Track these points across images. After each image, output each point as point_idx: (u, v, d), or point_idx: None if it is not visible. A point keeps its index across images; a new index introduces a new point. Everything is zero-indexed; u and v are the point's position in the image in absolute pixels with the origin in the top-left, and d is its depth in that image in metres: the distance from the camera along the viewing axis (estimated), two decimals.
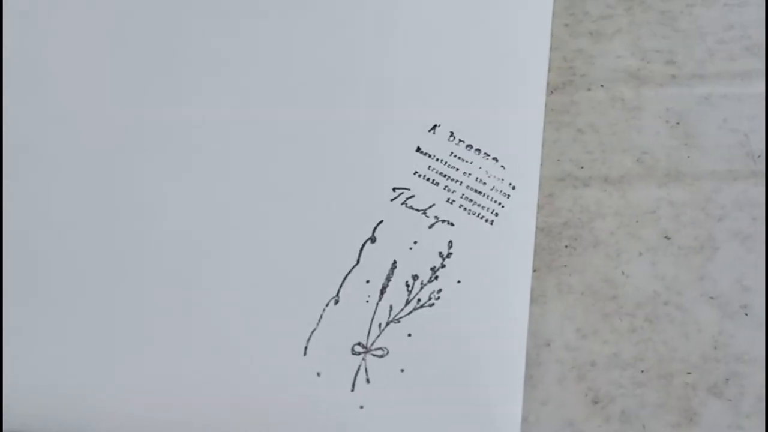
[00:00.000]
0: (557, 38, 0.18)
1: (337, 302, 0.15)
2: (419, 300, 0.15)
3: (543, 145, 0.17)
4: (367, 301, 0.15)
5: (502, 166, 0.16)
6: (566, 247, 0.16)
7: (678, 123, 0.17)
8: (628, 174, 0.16)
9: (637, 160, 0.16)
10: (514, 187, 0.16)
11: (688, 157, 0.16)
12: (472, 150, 0.16)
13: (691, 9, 0.18)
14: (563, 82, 0.17)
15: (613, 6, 0.18)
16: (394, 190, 0.16)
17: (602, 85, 0.17)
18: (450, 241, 0.15)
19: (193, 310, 0.15)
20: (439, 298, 0.15)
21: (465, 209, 0.15)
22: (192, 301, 0.15)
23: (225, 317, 0.15)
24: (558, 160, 0.17)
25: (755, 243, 0.15)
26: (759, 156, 0.16)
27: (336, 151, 0.16)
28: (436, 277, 0.15)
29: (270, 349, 0.15)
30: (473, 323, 0.15)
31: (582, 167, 0.16)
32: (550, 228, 0.16)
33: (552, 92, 0.17)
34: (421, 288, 0.15)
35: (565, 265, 0.16)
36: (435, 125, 0.16)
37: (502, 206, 0.15)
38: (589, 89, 0.17)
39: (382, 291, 0.15)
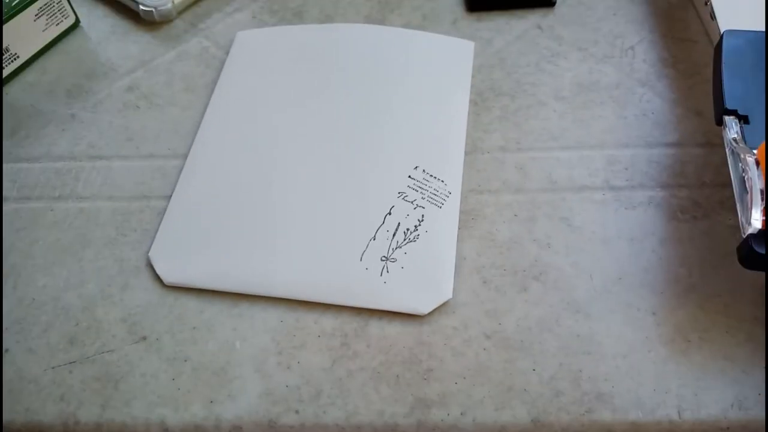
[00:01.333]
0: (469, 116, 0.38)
1: (374, 238, 0.33)
2: (409, 238, 0.33)
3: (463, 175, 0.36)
4: (387, 238, 0.33)
5: (443, 182, 0.35)
6: (472, 219, 0.35)
7: None
8: (504, 188, 0.36)
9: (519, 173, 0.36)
10: (450, 192, 0.35)
11: None
12: (431, 175, 0.35)
13: None
14: (471, 149, 0.37)
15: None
16: (398, 192, 0.35)
17: (488, 152, 0.37)
18: (422, 215, 0.34)
19: (304, 235, 0.33)
20: (418, 237, 0.33)
21: (429, 201, 0.34)
22: (305, 229, 0.33)
23: (323, 239, 0.33)
24: (467, 182, 0.36)
25: None
26: None
27: (375, 173, 0.35)
28: (416, 228, 0.33)
29: (345, 255, 0.32)
30: (432, 247, 0.32)
31: (479, 185, 0.36)
32: (463, 211, 0.35)
33: (467, 153, 0.37)
34: (411, 233, 0.33)
35: (470, 227, 0.35)
36: (416, 166, 0.35)
37: (445, 200, 0.34)
38: (483, 154, 0.37)
39: (394, 234, 0.33)
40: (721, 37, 0.34)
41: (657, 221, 0.33)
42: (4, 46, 0.40)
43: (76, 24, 0.44)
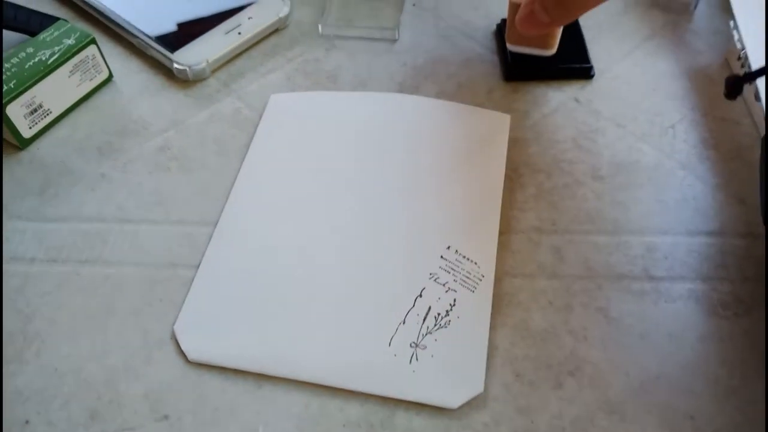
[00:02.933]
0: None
1: (404, 322, 0.32)
2: (440, 324, 0.33)
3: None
4: (417, 322, 0.32)
5: (477, 264, 0.34)
6: (505, 305, 0.34)
7: None
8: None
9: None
10: (483, 276, 0.34)
11: None
12: (463, 256, 0.34)
13: None
14: (505, 228, 0.36)
15: None
16: (430, 273, 0.34)
17: (523, 233, 0.36)
18: (454, 299, 0.33)
19: (333, 315, 0.32)
20: (450, 322, 0.32)
21: (462, 284, 0.33)
22: (333, 309, 0.32)
23: (352, 321, 0.32)
24: (501, 264, 0.35)
25: None
26: None
27: (406, 250, 0.34)
28: (447, 313, 0.33)
29: (374, 340, 0.31)
30: (464, 335, 0.32)
31: (513, 268, 0.35)
32: (497, 296, 0.34)
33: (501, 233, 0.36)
34: (442, 318, 0.32)
35: (504, 314, 0.34)
36: (449, 246, 0.35)
37: (478, 283, 0.33)
38: (518, 234, 0.36)
39: (425, 318, 0.32)
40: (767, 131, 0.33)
41: (697, 316, 0.32)
42: (38, 102, 0.40)
43: (109, 79, 0.44)
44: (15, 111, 0.39)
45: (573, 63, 0.42)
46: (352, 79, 0.43)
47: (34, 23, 0.46)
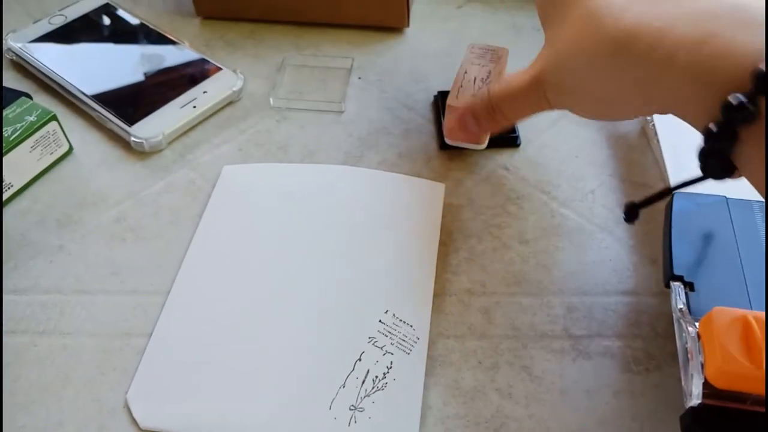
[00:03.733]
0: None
1: (344, 386, 0.34)
2: (377, 387, 0.34)
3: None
4: (356, 386, 0.35)
5: (412, 327, 0.36)
6: (439, 365, 0.37)
7: None
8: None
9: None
10: (418, 338, 0.36)
11: None
12: (400, 320, 0.37)
13: None
14: (439, 290, 0.39)
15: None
16: (369, 337, 0.36)
17: (455, 295, 0.39)
18: (391, 361, 0.35)
19: (279, 381, 0.34)
20: (386, 385, 0.34)
21: (398, 347, 0.35)
22: (278, 375, 0.35)
23: (296, 386, 0.34)
24: (435, 325, 0.38)
25: None
26: None
27: (348, 315, 0.36)
28: (384, 376, 0.35)
29: (316, 404, 0.33)
30: (399, 396, 0.34)
31: (446, 329, 0.38)
32: (431, 357, 0.37)
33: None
34: (379, 381, 0.34)
35: (437, 374, 0.36)
36: (387, 310, 0.37)
37: (413, 346, 0.36)
38: (450, 296, 0.39)
39: (363, 381, 0.35)
40: (671, 200, 0.36)
41: (612, 372, 0.35)
42: None
43: (69, 151, 0.47)
44: None
45: (501, 133, 0.46)
46: (302, 150, 0.46)
47: None
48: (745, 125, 0.26)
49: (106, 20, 0.56)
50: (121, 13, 0.56)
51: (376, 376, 0.34)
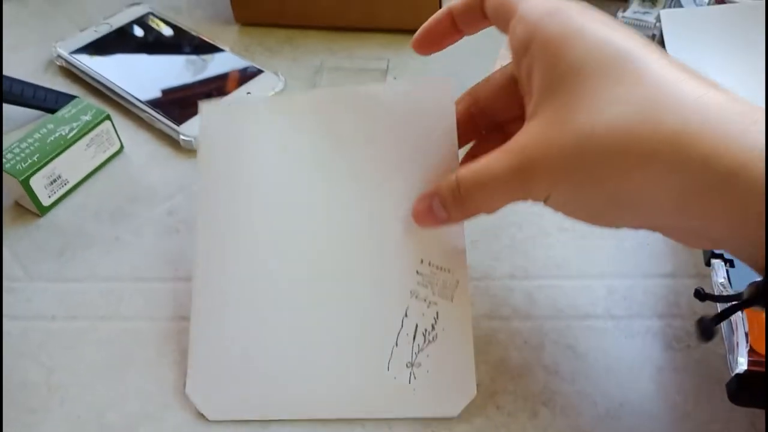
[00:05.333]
0: None
1: (396, 344, 0.34)
2: (429, 339, 0.34)
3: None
4: (408, 342, 0.34)
5: (449, 272, 0.35)
6: (485, 344, 0.38)
7: None
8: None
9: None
10: (458, 281, 0.35)
11: None
12: (437, 267, 0.35)
13: None
14: (482, 275, 0.41)
15: None
16: (410, 292, 0.35)
17: (499, 280, 0.40)
18: (437, 312, 0.34)
19: (331, 352, 0.35)
20: (437, 336, 0.34)
21: (440, 296, 0.35)
22: (327, 345, 0.35)
23: (348, 352, 0.34)
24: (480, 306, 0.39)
25: None
26: None
27: (385, 274, 0.35)
28: (433, 328, 0.34)
29: (373, 367, 0.34)
30: (452, 345, 0.34)
31: (491, 311, 0.39)
32: (477, 336, 0.38)
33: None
34: (429, 333, 0.34)
35: (485, 353, 0.37)
36: (422, 259, 0.35)
37: (455, 290, 0.35)
38: (494, 281, 0.40)
39: (414, 337, 0.34)
40: None
41: (654, 350, 0.36)
42: (57, 174, 0.44)
43: (121, 150, 0.49)
44: (37, 182, 0.43)
45: None
46: None
47: (50, 100, 0.51)
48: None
49: (150, 28, 0.58)
50: (162, 21, 0.59)
51: (426, 329, 0.34)
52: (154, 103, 0.50)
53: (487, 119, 0.35)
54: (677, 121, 0.23)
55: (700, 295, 0.30)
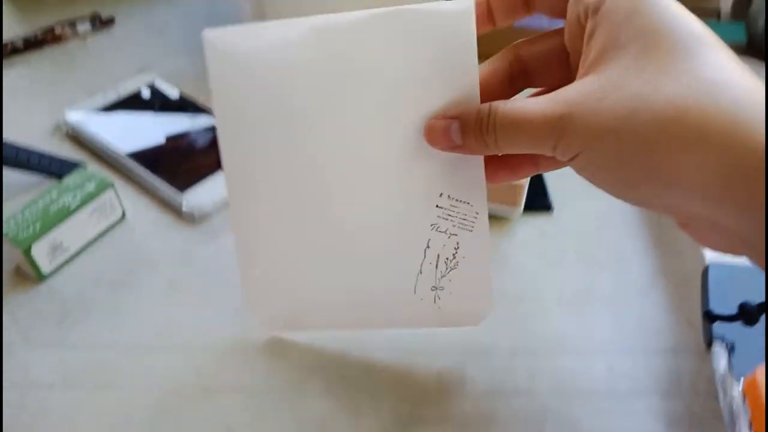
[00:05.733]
0: None
1: (421, 272, 0.36)
2: (450, 267, 0.36)
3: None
4: (431, 270, 0.36)
5: (469, 204, 0.34)
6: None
7: None
8: None
9: None
10: (477, 213, 0.34)
11: None
12: (457, 200, 0.34)
13: None
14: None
15: None
16: (431, 225, 0.35)
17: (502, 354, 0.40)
18: (457, 242, 0.35)
19: (364, 278, 0.37)
20: (458, 264, 0.36)
21: (460, 227, 0.35)
22: (362, 271, 0.37)
23: (381, 282, 0.37)
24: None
25: None
26: None
27: (406, 208, 0.35)
28: (454, 256, 0.35)
29: (404, 293, 0.36)
30: (471, 270, 0.36)
31: None
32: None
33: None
34: (450, 261, 0.36)
35: None
36: (441, 193, 0.34)
37: (474, 221, 0.35)
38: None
39: (437, 266, 0.36)
40: (706, 268, 0.38)
41: (656, 429, 0.36)
42: (59, 241, 0.45)
43: (123, 217, 0.49)
44: (38, 250, 0.43)
45: (535, 198, 0.48)
46: None
47: (55, 167, 0.51)
48: None
49: (156, 96, 0.59)
50: (168, 89, 0.60)
51: (447, 258, 0.36)
52: (157, 171, 0.51)
53: (525, 81, 0.33)
54: (733, 106, 0.23)
55: (710, 316, 0.33)
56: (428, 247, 0.35)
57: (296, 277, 0.37)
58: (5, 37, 0.69)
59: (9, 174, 0.51)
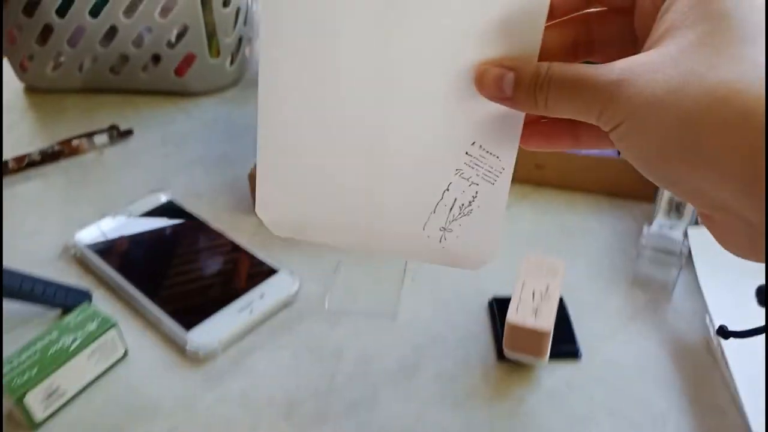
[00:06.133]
0: None
1: (434, 212, 0.34)
2: (464, 213, 0.34)
3: None
4: (445, 212, 0.34)
5: (498, 158, 0.33)
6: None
7: None
8: None
9: None
10: (503, 168, 0.33)
11: None
12: (487, 152, 0.33)
13: None
14: None
15: None
16: (456, 170, 0.34)
17: None
18: (476, 191, 0.34)
19: (383, 206, 0.35)
20: (471, 211, 0.34)
21: (483, 178, 0.34)
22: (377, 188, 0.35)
23: (394, 216, 0.35)
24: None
25: None
26: None
27: (437, 153, 0.34)
28: (470, 204, 0.34)
29: (413, 227, 0.35)
30: (483, 219, 0.34)
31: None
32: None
33: None
34: (465, 208, 0.34)
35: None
36: (473, 142, 0.33)
37: (498, 175, 0.33)
38: None
39: (451, 209, 0.34)
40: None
41: None
42: (55, 387, 0.42)
43: (125, 355, 0.47)
44: (32, 398, 0.41)
45: (561, 344, 0.45)
46: (355, 357, 0.46)
47: (59, 298, 0.50)
48: None
49: (169, 218, 0.58)
50: (182, 211, 0.59)
51: (462, 204, 0.35)
52: (162, 304, 0.49)
53: (587, 52, 0.33)
54: None
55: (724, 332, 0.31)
56: (447, 190, 0.35)
57: (313, 179, 0.36)
58: (25, 149, 0.69)
59: (12, 304, 0.49)
